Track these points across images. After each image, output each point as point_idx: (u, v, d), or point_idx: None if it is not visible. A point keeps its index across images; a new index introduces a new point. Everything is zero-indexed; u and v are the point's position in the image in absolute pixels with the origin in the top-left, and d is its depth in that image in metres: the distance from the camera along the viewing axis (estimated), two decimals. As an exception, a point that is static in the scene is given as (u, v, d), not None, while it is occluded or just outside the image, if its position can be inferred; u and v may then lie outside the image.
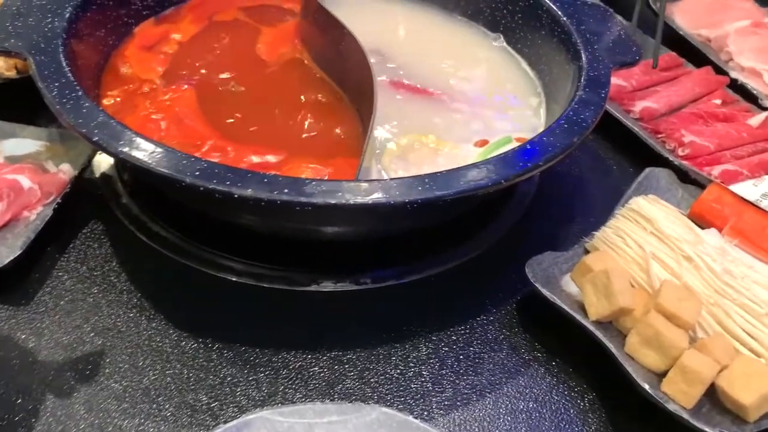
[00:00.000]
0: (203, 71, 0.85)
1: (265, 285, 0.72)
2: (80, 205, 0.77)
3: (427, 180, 0.62)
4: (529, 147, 0.67)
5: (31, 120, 0.85)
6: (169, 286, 0.72)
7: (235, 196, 0.59)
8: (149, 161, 0.60)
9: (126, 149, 0.61)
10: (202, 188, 0.59)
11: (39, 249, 0.72)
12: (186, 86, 0.82)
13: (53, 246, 0.74)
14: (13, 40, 0.72)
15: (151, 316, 0.68)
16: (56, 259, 0.73)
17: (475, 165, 0.64)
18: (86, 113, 0.64)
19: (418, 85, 0.90)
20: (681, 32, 1.14)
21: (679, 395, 0.60)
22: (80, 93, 0.67)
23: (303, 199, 0.59)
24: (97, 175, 0.82)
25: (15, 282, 0.69)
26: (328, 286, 0.73)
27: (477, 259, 0.77)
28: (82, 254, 0.73)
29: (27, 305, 0.68)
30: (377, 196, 0.60)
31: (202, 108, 0.80)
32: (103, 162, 0.82)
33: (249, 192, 0.59)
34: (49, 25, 0.75)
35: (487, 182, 0.63)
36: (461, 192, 0.62)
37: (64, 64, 0.70)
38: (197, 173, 0.60)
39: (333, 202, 0.59)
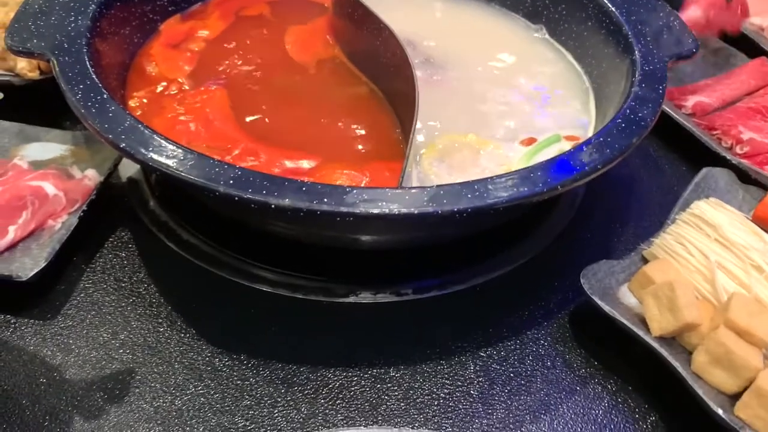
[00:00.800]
0: (233, 71, 0.81)
1: (300, 296, 0.68)
2: (106, 211, 0.74)
3: (477, 186, 0.57)
4: (585, 148, 0.63)
5: (56, 122, 0.82)
6: (201, 297, 0.68)
7: (272, 206, 0.55)
8: (180, 169, 0.56)
9: (155, 156, 0.57)
10: (236, 198, 0.55)
11: (64, 259, 0.69)
12: (215, 86, 0.78)
13: (79, 256, 0.70)
14: (35, 41, 0.69)
15: (183, 331, 0.65)
16: (82, 269, 0.69)
17: (528, 169, 0.60)
18: (112, 118, 0.61)
19: (454, 79, 0.85)
20: (731, 20, 1.08)
21: (757, 421, 0.55)
22: (106, 96, 0.63)
23: (344, 209, 0.55)
24: (124, 179, 0.78)
25: (40, 295, 0.66)
26: (367, 298, 0.69)
27: (525, 266, 0.72)
28: (109, 264, 0.70)
29: (53, 319, 0.65)
30: (424, 206, 0.55)
31: (232, 109, 0.76)
32: (129, 165, 0.79)
33: (287, 202, 0.55)
34: (73, 24, 0.71)
35: (542, 188, 0.58)
36: (514, 199, 0.57)
37: (88, 65, 0.67)
38: (231, 182, 0.56)
39: (376, 212, 0.55)
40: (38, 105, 0.81)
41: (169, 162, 0.57)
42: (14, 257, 0.66)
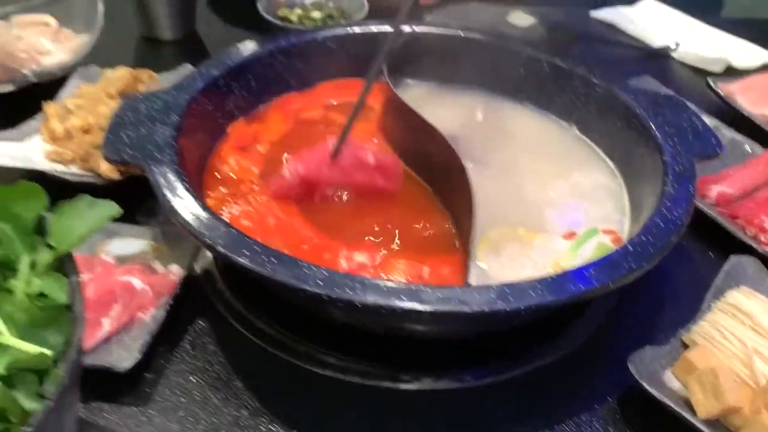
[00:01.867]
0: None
1: (369, 383, 0.74)
2: (185, 302, 0.80)
3: (538, 285, 0.64)
4: (630, 248, 0.70)
5: (131, 217, 0.89)
6: (278, 383, 0.74)
7: (358, 305, 0.62)
8: (273, 272, 0.63)
9: (250, 261, 0.64)
10: (326, 297, 0.62)
11: (151, 349, 0.74)
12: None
13: (164, 345, 0.76)
14: (129, 151, 0.77)
15: (265, 417, 0.70)
16: (168, 358, 0.75)
17: (582, 268, 0.66)
18: (208, 224, 0.68)
19: (494, 175, 0.93)
20: (745, 112, 1.16)
21: (803, 499, 0.60)
22: (200, 204, 0.70)
23: (421, 307, 0.62)
24: (198, 270, 0.85)
25: (131, 383, 0.72)
26: (429, 384, 0.74)
27: (574, 352, 0.78)
28: (192, 353, 0.76)
29: (145, 407, 0.70)
30: (493, 304, 0.62)
31: (299, 208, 0.83)
32: (203, 257, 0.85)
33: (370, 300, 0.62)
34: (159, 133, 0.80)
35: (596, 285, 0.65)
36: (573, 296, 0.64)
37: (178, 172, 0.74)
38: (320, 282, 0.63)
39: (450, 310, 0.62)
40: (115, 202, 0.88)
41: (264, 266, 0.64)
42: (110, 349, 0.72)
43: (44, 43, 1.15)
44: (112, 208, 0.63)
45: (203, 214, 0.69)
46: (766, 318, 0.73)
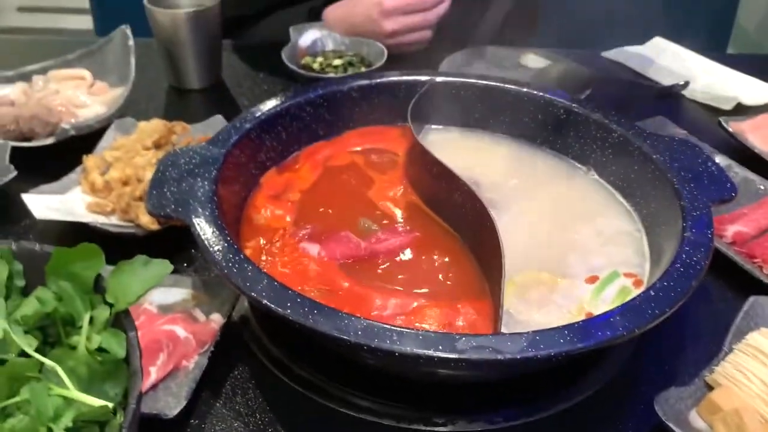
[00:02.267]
0: (327, 219, 0.93)
1: (404, 426, 0.77)
2: (225, 348, 0.84)
3: (567, 332, 0.67)
4: (653, 293, 0.73)
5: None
6: (316, 427, 0.77)
7: (396, 354, 0.65)
8: (315, 324, 0.67)
9: (293, 312, 0.68)
10: (365, 347, 0.65)
11: (194, 395, 0.78)
12: (314, 233, 0.90)
13: (206, 392, 0.79)
14: (173, 206, 0.81)
15: (304, 460, 0.73)
16: (211, 404, 0.78)
17: (609, 314, 0.69)
18: (251, 276, 0.72)
19: (515, 218, 0.96)
20: (756, 150, 1.19)
21: None
22: (242, 256, 0.74)
23: (456, 356, 0.65)
24: (236, 317, 0.88)
25: (178, 430, 0.75)
26: (463, 426, 0.77)
27: (600, 392, 0.81)
28: (234, 399, 0.79)
29: (192, 452, 0.74)
30: (525, 351, 0.65)
31: (330, 255, 0.87)
32: (241, 305, 0.89)
33: (408, 350, 0.65)
34: (200, 188, 0.84)
35: (622, 332, 0.68)
36: (600, 343, 0.67)
37: (221, 226, 0.78)
38: (360, 333, 0.66)
39: (486, 358, 0.65)
40: (154, 252, 0.92)
41: (307, 317, 0.67)
42: (158, 396, 0.76)
43: (80, 97, 1.21)
44: (165, 266, 0.67)
45: (247, 267, 0.73)
46: (786, 359, 0.76)
